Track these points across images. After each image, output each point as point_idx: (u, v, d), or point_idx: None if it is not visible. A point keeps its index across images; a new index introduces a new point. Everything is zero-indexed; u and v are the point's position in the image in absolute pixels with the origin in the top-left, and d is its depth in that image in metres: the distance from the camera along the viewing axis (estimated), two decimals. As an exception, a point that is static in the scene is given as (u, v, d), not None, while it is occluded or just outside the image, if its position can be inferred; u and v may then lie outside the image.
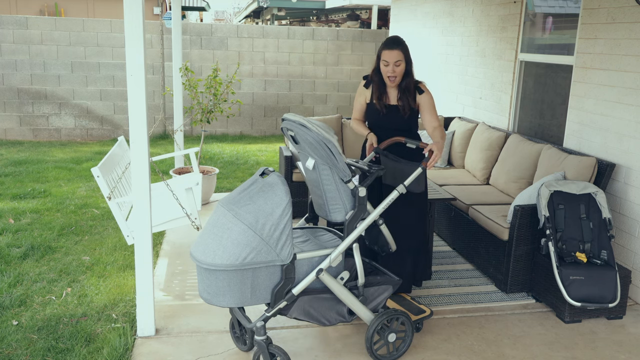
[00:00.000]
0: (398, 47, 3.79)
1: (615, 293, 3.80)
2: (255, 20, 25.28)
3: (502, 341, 3.67)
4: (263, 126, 11.08)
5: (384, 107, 3.91)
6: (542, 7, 5.66)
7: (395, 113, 3.91)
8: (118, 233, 5.43)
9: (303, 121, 3.10)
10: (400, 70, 3.82)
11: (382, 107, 3.91)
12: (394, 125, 3.92)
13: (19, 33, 9.79)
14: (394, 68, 3.80)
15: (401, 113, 3.89)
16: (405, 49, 3.83)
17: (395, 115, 3.91)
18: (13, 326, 3.71)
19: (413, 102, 3.88)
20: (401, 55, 3.79)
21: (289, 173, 5.77)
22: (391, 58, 3.78)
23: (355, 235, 3.23)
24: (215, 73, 6.36)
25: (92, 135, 10.43)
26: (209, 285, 2.94)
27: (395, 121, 3.91)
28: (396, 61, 3.78)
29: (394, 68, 3.80)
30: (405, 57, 3.82)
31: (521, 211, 4.14)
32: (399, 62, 3.79)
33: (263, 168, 3.17)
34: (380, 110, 3.91)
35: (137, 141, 3.27)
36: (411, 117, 3.92)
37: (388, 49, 3.79)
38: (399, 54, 3.78)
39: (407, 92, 3.87)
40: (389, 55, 3.79)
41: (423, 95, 3.90)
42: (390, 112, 3.92)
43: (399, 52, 3.78)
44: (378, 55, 3.87)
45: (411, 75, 3.89)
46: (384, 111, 3.91)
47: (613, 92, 4.50)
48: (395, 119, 3.91)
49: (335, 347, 3.54)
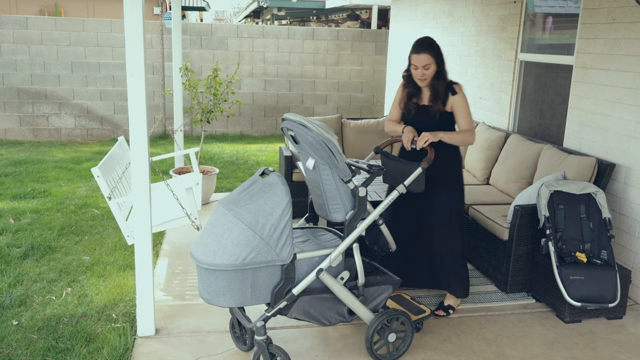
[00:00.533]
0: (426, 50, 3.66)
1: (615, 293, 3.80)
2: (255, 20, 25.28)
3: (502, 341, 3.67)
4: (263, 126, 11.08)
5: (413, 108, 3.82)
6: (542, 7, 5.66)
7: (425, 113, 3.80)
8: (118, 233, 5.43)
9: (303, 121, 3.10)
10: (430, 73, 3.70)
11: (412, 107, 3.82)
12: (424, 126, 3.78)
13: (19, 33, 9.79)
14: (423, 71, 3.69)
15: (431, 114, 3.77)
16: (434, 51, 3.69)
17: (425, 116, 3.79)
18: (13, 326, 3.71)
19: (442, 103, 3.75)
20: (429, 58, 3.66)
21: (289, 173, 5.77)
22: (419, 62, 3.68)
23: (356, 235, 3.23)
24: (215, 73, 6.36)
25: (92, 135, 10.43)
26: (209, 285, 2.94)
27: (425, 122, 3.79)
28: (424, 65, 3.67)
29: (422, 72, 3.69)
30: (435, 59, 3.68)
31: (521, 211, 4.14)
32: (428, 65, 3.67)
33: (263, 168, 3.18)
34: (410, 110, 3.83)
35: (137, 141, 3.27)
36: (443, 119, 3.76)
37: (415, 53, 3.68)
38: (427, 57, 3.66)
39: (437, 94, 3.75)
40: (417, 59, 3.68)
41: (455, 97, 3.74)
42: (421, 112, 3.81)
43: (426, 56, 3.66)
44: (408, 57, 3.78)
45: (443, 76, 3.75)
46: (414, 111, 3.82)
47: (613, 92, 4.50)
48: (425, 120, 3.79)
49: (335, 347, 3.54)
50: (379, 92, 11.32)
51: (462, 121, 3.77)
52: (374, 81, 11.27)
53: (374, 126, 6.41)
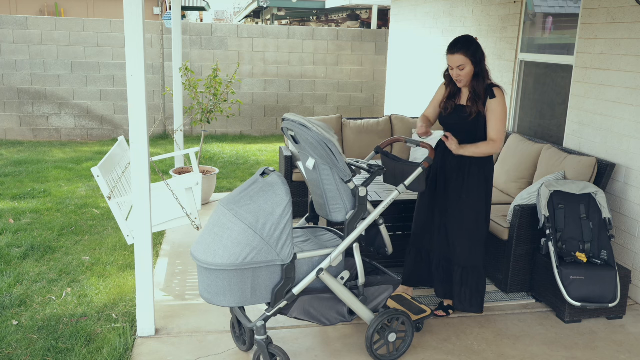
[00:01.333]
0: (459, 50, 3.57)
1: (615, 293, 3.80)
2: (255, 20, 25.29)
3: (502, 341, 3.67)
4: (263, 126, 11.08)
5: (450, 107, 3.78)
6: (542, 7, 5.66)
7: (460, 113, 3.74)
8: (118, 233, 5.43)
9: (303, 121, 3.10)
10: (465, 74, 3.63)
11: (448, 106, 3.78)
12: (457, 126, 3.75)
13: (19, 33, 9.79)
14: (458, 72, 3.63)
15: (467, 114, 3.70)
16: (469, 51, 3.58)
17: (460, 115, 3.73)
18: (13, 326, 3.71)
19: (482, 105, 3.65)
20: (464, 58, 3.58)
21: (289, 173, 5.77)
22: (453, 62, 3.62)
23: (356, 235, 3.23)
24: (215, 73, 6.36)
25: (92, 135, 10.43)
26: (210, 285, 2.94)
27: (459, 121, 3.74)
28: (459, 65, 3.60)
29: (457, 72, 3.64)
30: (471, 58, 3.59)
31: (521, 211, 4.14)
32: (462, 66, 3.59)
33: (263, 168, 3.18)
34: (447, 109, 3.79)
35: (137, 141, 3.27)
36: (477, 121, 3.68)
37: (450, 54, 3.62)
38: (461, 57, 3.58)
39: (475, 94, 3.67)
40: (451, 60, 3.63)
41: (493, 100, 3.63)
42: (456, 111, 3.76)
43: (460, 56, 3.58)
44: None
45: (481, 77, 3.65)
46: (449, 110, 3.78)
47: (613, 92, 4.50)
48: (459, 119, 3.74)
49: (335, 347, 3.54)
50: (379, 92, 11.32)
51: (493, 128, 3.64)
52: (374, 81, 11.28)
53: (374, 126, 6.41)
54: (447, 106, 3.82)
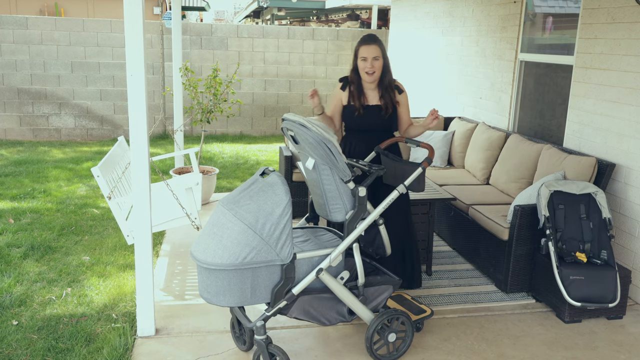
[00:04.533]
0: (375, 42, 3.80)
1: (615, 293, 3.80)
2: (255, 20, 25.29)
3: (502, 341, 3.67)
4: (263, 126, 11.08)
5: (361, 108, 3.89)
6: (542, 7, 5.66)
7: (375, 113, 3.89)
8: (118, 233, 5.43)
9: (303, 121, 3.10)
10: (378, 65, 3.82)
11: (360, 107, 3.88)
12: (373, 126, 3.91)
13: (19, 33, 9.79)
14: (373, 63, 3.80)
15: (382, 113, 3.88)
16: (383, 46, 3.85)
17: (376, 115, 3.89)
18: (13, 326, 3.71)
19: (394, 100, 3.90)
20: (379, 50, 3.80)
21: (289, 173, 5.77)
22: (369, 53, 3.79)
23: (355, 235, 3.23)
24: (215, 73, 6.36)
25: (92, 135, 10.43)
26: (209, 285, 2.94)
27: (375, 121, 3.90)
28: (374, 56, 3.79)
29: (372, 63, 3.80)
30: (382, 53, 3.83)
31: (521, 211, 4.14)
32: (377, 57, 3.80)
33: (263, 168, 3.18)
34: (358, 110, 3.89)
35: (137, 141, 3.27)
36: (392, 116, 3.92)
37: (366, 45, 3.80)
38: (377, 49, 3.79)
39: (390, 90, 3.88)
40: (367, 51, 3.79)
41: (403, 94, 3.95)
42: (370, 112, 3.90)
43: (376, 47, 3.79)
44: (355, 53, 3.87)
45: (390, 72, 3.90)
46: (362, 111, 3.88)
47: (613, 92, 4.50)
48: (375, 119, 3.90)
49: (335, 347, 3.53)
50: (379, 92, 11.31)
51: (407, 117, 3.99)
52: (374, 81, 11.27)
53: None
54: (358, 107, 3.89)
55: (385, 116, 3.88)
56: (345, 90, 3.95)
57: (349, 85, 3.94)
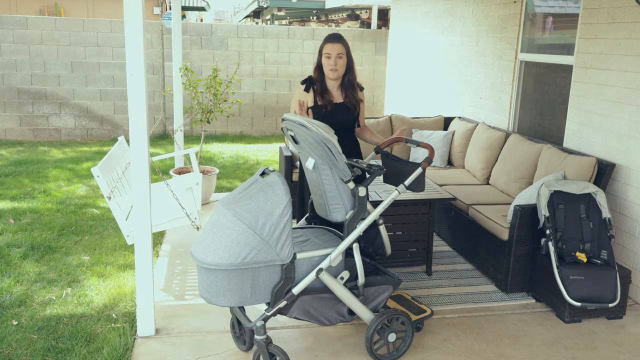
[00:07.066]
0: (339, 40, 3.86)
1: (615, 293, 3.80)
2: (255, 20, 25.28)
3: (502, 341, 3.67)
4: (263, 126, 11.08)
5: (330, 104, 3.89)
6: (542, 7, 5.66)
7: (343, 111, 3.92)
8: (118, 233, 5.43)
9: (303, 121, 3.10)
10: (342, 63, 3.86)
11: (329, 104, 3.88)
12: (342, 124, 3.90)
13: (19, 33, 9.78)
14: (336, 60, 3.83)
15: (351, 110, 3.92)
16: (347, 45, 3.89)
17: (345, 113, 3.92)
18: (13, 326, 3.71)
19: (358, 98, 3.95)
20: (343, 48, 3.84)
21: (289, 173, 5.77)
22: (333, 50, 3.83)
23: (355, 235, 3.23)
24: (215, 73, 6.36)
25: (92, 135, 10.43)
26: (209, 285, 2.94)
27: (344, 119, 3.92)
28: (338, 53, 3.83)
29: (336, 60, 3.83)
30: (346, 51, 3.87)
31: (521, 211, 4.14)
32: (341, 54, 3.84)
33: (263, 168, 3.18)
34: (327, 107, 3.88)
35: (137, 141, 3.27)
36: (357, 113, 3.97)
37: (330, 42, 3.85)
38: (341, 47, 3.84)
39: (352, 88, 3.92)
40: (331, 48, 3.83)
41: (363, 92, 4.03)
42: (338, 110, 3.91)
43: (340, 45, 3.84)
44: (320, 51, 3.90)
45: (353, 71, 3.94)
46: (331, 108, 3.88)
47: (613, 92, 4.50)
48: (344, 117, 3.92)
49: (335, 347, 3.53)
50: (379, 92, 11.32)
51: (363, 117, 4.06)
52: (373, 81, 11.28)
53: (374, 126, 6.41)
54: (327, 104, 3.90)
55: (354, 113, 3.93)
56: (309, 92, 3.94)
57: (313, 85, 3.95)
